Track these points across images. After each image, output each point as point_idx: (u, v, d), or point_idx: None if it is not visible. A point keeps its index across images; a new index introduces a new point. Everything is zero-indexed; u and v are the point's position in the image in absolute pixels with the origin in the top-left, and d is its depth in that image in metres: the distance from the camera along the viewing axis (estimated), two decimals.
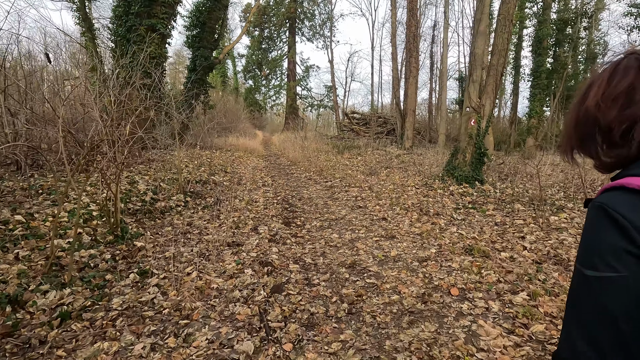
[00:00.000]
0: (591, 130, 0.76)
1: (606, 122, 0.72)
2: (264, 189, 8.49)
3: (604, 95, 0.73)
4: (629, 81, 0.70)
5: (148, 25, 8.58)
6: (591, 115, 0.75)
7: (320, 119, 38.65)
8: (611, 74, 0.74)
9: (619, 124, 0.70)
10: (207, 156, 12.36)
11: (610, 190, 0.66)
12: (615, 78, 0.73)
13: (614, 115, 0.71)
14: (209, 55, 15.03)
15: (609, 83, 0.73)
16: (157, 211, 5.80)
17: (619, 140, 0.71)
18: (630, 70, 0.71)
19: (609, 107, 0.71)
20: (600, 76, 0.76)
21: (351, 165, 12.18)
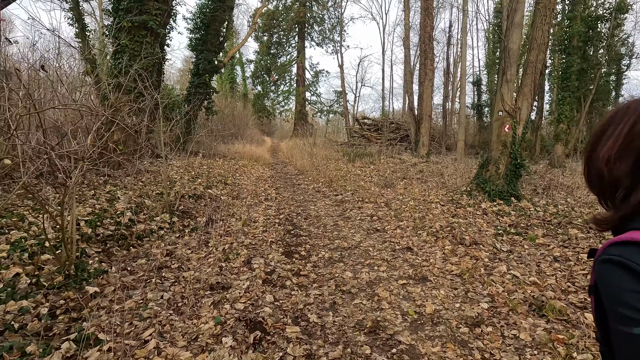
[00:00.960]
0: (597, 181, 0.73)
1: (612, 179, 0.70)
2: (266, 205, 7.41)
3: (619, 151, 0.68)
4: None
5: (139, 23, 7.63)
6: (599, 168, 0.72)
7: (330, 125, 37.65)
8: (633, 125, 0.68)
9: (624, 183, 0.68)
10: (208, 165, 11.38)
11: (619, 244, 0.63)
12: (636, 130, 0.67)
13: (621, 174, 0.68)
14: (213, 59, 14.12)
15: (626, 137, 0.68)
16: (133, 236, 4.76)
17: (617, 201, 0.69)
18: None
19: (619, 165, 0.68)
20: (621, 123, 0.70)
21: (363, 175, 11.05)
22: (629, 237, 0.62)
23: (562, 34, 12.69)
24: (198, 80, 13.90)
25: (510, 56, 6.81)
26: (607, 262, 0.63)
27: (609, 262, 0.63)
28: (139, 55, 7.78)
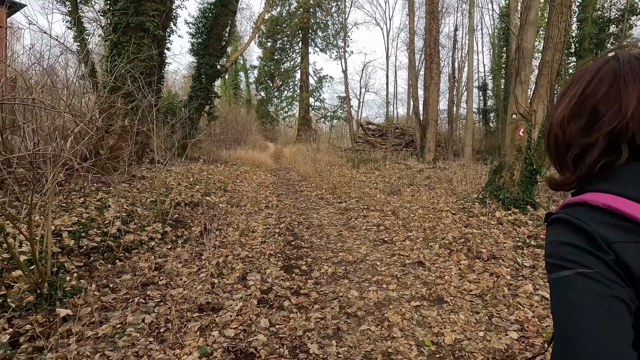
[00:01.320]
0: (553, 143, 0.73)
1: (565, 140, 0.70)
2: (267, 213, 7.02)
3: (571, 111, 0.69)
4: (600, 96, 0.65)
5: (136, 24, 7.33)
6: (554, 129, 0.72)
7: (334, 131, 37.33)
8: (589, 80, 0.68)
9: (575, 146, 0.68)
10: (209, 171, 11.02)
11: (572, 205, 0.64)
12: (590, 86, 0.67)
13: (573, 135, 0.68)
14: (214, 63, 13.85)
15: (580, 97, 0.68)
16: (120, 248, 4.38)
17: (570, 164, 0.69)
18: (604, 81, 0.65)
19: (572, 124, 0.68)
20: (578, 83, 0.70)
21: (368, 181, 10.63)
22: (579, 199, 0.64)
23: (573, 36, 12.30)
24: (199, 85, 13.63)
25: (524, 56, 6.41)
26: (554, 221, 0.65)
27: (555, 220, 0.65)
28: (136, 58, 7.47)
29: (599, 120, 0.64)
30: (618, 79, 0.64)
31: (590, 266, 0.57)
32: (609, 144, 0.63)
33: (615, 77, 0.65)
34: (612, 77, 0.65)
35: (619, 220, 0.58)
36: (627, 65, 0.65)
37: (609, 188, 0.62)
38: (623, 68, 0.65)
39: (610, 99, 0.64)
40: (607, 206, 0.59)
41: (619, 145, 0.63)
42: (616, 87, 0.64)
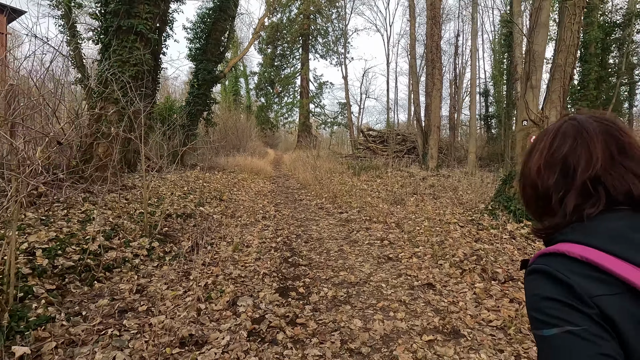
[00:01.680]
0: (532, 193, 0.78)
1: (544, 190, 0.75)
2: (263, 224, 6.62)
3: (545, 162, 0.75)
4: (565, 151, 0.73)
5: (127, 27, 6.99)
6: (532, 179, 0.77)
7: (334, 137, 37.02)
8: (552, 139, 0.76)
9: (555, 193, 0.73)
10: (205, 179, 10.64)
11: (548, 255, 0.67)
12: (554, 143, 0.75)
13: (551, 184, 0.73)
14: (212, 69, 13.54)
15: (548, 149, 0.75)
16: (100, 267, 3.97)
17: (554, 209, 0.73)
18: (567, 139, 0.74)
19: (547, 176, 0.74)
20: (543, 139, 0.78)
21: (370, 189, 10.24)
22: (555, 249, 0.66)
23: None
24: (197, 91, 13.30)
25: (535, 59, 6.04)
26: (533, 272, 0.67)
27: (534, 271, 0.66)
28: (127, 62, 7.13)
29: (571, 169, 0.71)
30: (580, 134, 0.72)
31: (577, 323, 0.58)
32: (585, 191, 0.69)
33: (577, 132, 0.73)
34: (574, 132, 0.73)
35: (596, 273, 0.60)
36: (586, 122, 0.73)
37: (583, 239, 0.65)
38: (583, 125, 0.73)
39: (577, 151, 0.71)
40: (585, 258, 0.62)
41: (595, 191, 0.68)
42: (580, 140, 0.72)
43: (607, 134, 0.71)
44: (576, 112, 0.78)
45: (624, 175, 0.68)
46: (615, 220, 0.66)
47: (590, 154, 0.69)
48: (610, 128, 0.72)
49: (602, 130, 0.71)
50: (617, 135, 0.71)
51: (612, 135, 0.71)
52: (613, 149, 0.70)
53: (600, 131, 0.71)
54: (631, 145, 0.70)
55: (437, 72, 14.37)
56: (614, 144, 0.70)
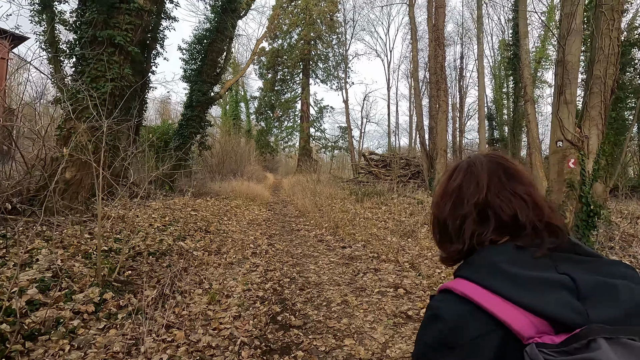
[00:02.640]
0: (435, 222, 0.85)
1: (442, 219, 0.81)
2: (252, 263, 5.54)
3: (443, 192, 0.84)
4: (458, 182, 0.81)
5: (104, 38, 6.18)
6: (433, 212, 0.87)
7: (335, 161, 36.25)
8: (450, 175, 0.85)
9: (452, 220, 0.79)
10: (195, 206, 9.63)
11: (443, 291, 0.70)
12: (452, 177, 0.84)
13: (447, 212, 0.80)
14: (208, 90, 12.80)
15: (446, 183, 0.85)
16: (20, 336, 2.89)
17: (454, 236, 0.79)
18: (460, 172, 0.83)
19: (444, 205, 0.81)
20: (443, 175, 0.89)
21: (375, 218, 9.19)
22: (447, 286, 0.70)
23: None
24: (191, 113, 12.50)
25: (569, 71, 5.15)
26: (428, 308, 0.71)
27: (428, 308, 0.71)
28: (102, 77, 6.28)
29: (464, 197, 0.78)
30: (471, 167, 0.82)
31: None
32: (480, 217, 0.75)
33: (469, 166, 0.82)
34: (466, 166, 0.83)
35: (476, 310, 0.62)
36: (475, 158, 0.84)
37: (469, 275, 0.69)
38: (473, 160, 0.84)
39: (468, 181, 0.80)
40: (465, 295, 0.64)
41: (487, 216, 0.74)
42: (470, 172, 0.81)
43: (494, 163, 0.80)
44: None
45: (511, 199, 0.74)
46: (496, 253, 0.70)
47: (477, 182, 0.78)
48: (498, 159, 0.81)
49: (488, 161, 0.81)
50: (503, 163, 0.80)
51: (499, 164, 0.80)
52: (501, 175, 0.77)
53: (486, 162, 0.81)
54: (518, 171, 0.79)
55: (442, 94, 13.61)
56: (502, 170, 0.78)
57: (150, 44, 8.98)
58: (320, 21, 29.37)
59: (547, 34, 23.03)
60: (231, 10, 13.23)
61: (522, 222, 0.70)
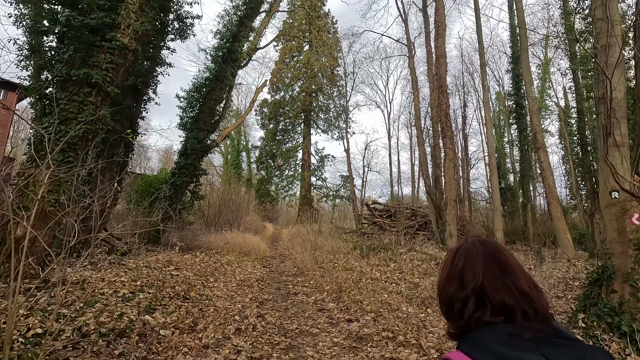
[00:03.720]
0: (441, 302, 0.98)
1: (447, 299, 0.94)
2: (233, 347, 4.29)
3: (448, 275, 0.96)
4: (460, 267, 0.94)
5: (79, 77, 5.48)
6: (439, 291, 0.99)
7: (336, 211, 35.12)
8: (452, 258, 0.99)
9: (456, 301, 0.91)
10: (179, 264, 8.44)
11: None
12: (454, 261, 0.97)
13: (452, 293, 0.93)
14: (204, 138, 12.16)
15: (449, 266, 0.97)
16: None
17: (457, 315, 0.90)
18: (461, 258, 0.96)
19: (449, 286, 0.94)
20: (447, 257, 1.02)
21: (384, 278, 7.94)
22: (447, 356, 0.82)
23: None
24: (184, 161, 11.73)
25: (615, 109, 4.30)
26: None
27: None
28: (74, 119, 5.48)
29: (465, 282, 0.91)
30: (470, 255, 0.95)
31: None
32: (479, 300, 0.87)
33: (468, 254, 0.95)
34: (466, 254, 0.96)
35: None
36: (472, 246, 0.97)
37: (467, 349, 0.82)
38: (471, 247, 0.97)
39: (467, 267, 0.93)
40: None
41: (483, 300, 0.87)
42: (469, 260, 0.94)
43: (489, 254, 0.93)
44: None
45: (503, 289, 0.86)
46: (489, 333, 0.82)
47: (474, 271, 0.91)
48: (493, 250, 0.94)
49: (484, 252, 0.94)
50: (497, 256, 0.92)
51: (493, 256, 0.93)
52: (494, 267, 0.90)
53: (482, 252, 0.94)
54: (509, 264, 0.91)
55: (448, 142, 12.92)
56: (495, 263, 0.91)
57: (142, 89, 8.38)
58: (322, 75, 30.01)
59: (545, 85, 23.13)
60: (232, 60, 13.03)
61: (513, 308, 0.84)
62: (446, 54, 13.83)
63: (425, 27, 17.55)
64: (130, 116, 8.15)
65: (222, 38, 13.15)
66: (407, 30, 17.88)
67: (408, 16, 18.31)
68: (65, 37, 5.43)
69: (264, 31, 14.49)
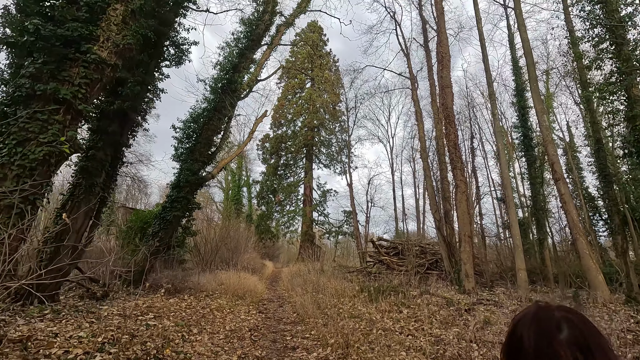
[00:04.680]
0: None
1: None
2: None
3: (506, 348, 0.92)
4: (516, 342, 0.89)
5: (45, 92, 4.71)
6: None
7: (339, 248, 33.61)
8: (512, 329, 0.92)
9: None
10: (163, 310, 7.24)
11: None
12: (515, 334, 0.90)
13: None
14: (199, 170, 11.34)
15: (509, 338, 0.92)
16: None
17: None
18: (517, 332, 0.90)
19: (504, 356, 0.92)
20: (508, 328, 0.95)
21: (398, 328, 6.70)
22: None
23: None
24: (177, 194, 10.82)
25: None
26: None
27: None
28: (34, 140, 4.63)
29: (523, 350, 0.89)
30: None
31: None
32: None
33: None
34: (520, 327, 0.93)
35: None
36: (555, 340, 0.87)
37: None
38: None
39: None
40: None
41: None
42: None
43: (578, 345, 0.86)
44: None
45: None
46: None
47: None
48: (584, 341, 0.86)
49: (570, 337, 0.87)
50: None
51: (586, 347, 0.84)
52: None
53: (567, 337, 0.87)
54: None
55: (458, 173, 12.03)
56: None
57: (130, 115, 7.66)
58: (323, 110, 29.90)
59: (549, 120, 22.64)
60: (231, 91, 12.54)
61: None
62: (451, 84, 13.35)
63: (427, 61, 17.36)
64: (114, 143, 7.34)
65: (222, 69, 12.76)
66: (409, 64, 17.67)
67: (410, 50, 18.20)
68: (34, 49, 4.74)
69: (265, 63, 14.17)
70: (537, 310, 0.90)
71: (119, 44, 5.26)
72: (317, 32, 31.09)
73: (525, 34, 12.74)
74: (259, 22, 13.37)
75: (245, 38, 13.22)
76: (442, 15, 14.01)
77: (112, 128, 7.36)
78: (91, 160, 7.01)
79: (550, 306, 0.90)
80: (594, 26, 10.96)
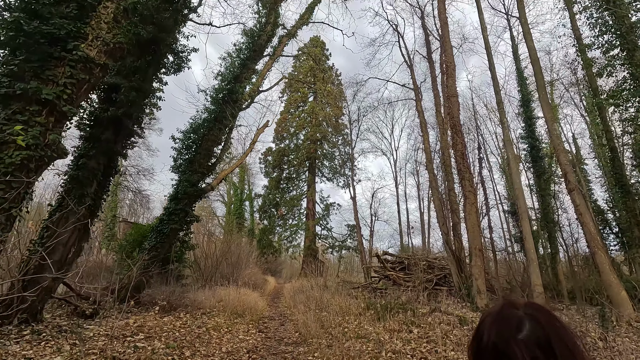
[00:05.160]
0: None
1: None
2: None
3: (471, 346, 0.91)
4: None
5: (26, 92, 4.33)
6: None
7: (343, 263, 32.81)
8: (477, 327, 0.90)
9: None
10: (155, 330, 6.70)
11: None
12: (479, 332, 0.89)
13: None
14: (198, 181, 10.93)
15: (474, 336, 0.91)
16: None
17: None
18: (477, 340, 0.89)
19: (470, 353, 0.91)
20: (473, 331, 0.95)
21: (409, 350, 6.10)
22: None
23: None
24: (175, 206, 10.38)
25: None
26: None
27: None
28: (12, 143, 4.23)
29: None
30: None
31: None
32: None
33: None
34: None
35: None
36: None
37: None
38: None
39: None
40: None
41: None
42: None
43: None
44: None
45: None
46: None
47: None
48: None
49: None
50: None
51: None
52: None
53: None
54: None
55: (467, 184, 11.53)
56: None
57: (125, 123, 7.30)
58: (326, 123, 29.68)
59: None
60: (233, 101, 12.25)
61: None
62: (457, 93, 13.00)
63: (430, 72, 17.12)
64: (108, 152, 6.95)
65: (224, 79, 12.51)
66: (412, 75, 17.44)
67: (413, 62, 18.00)
68: (15, 45, 4.41)
69: (267, 74, 13.94)
70: (502, 308, 0.89)
71: (109, 42, 4.93)
72: (319, 46, 31.21)
73: (532, 42, 12.45)
74: (261, 33, 13.20)
75: (247, 49, 13.03)
76: (445, 25, 13.81)
77: (105, 136, 6.99)
78: (82, 169, 6.61)
79: (516, 304, 0.88)
80: (603, 33, 10.65)
